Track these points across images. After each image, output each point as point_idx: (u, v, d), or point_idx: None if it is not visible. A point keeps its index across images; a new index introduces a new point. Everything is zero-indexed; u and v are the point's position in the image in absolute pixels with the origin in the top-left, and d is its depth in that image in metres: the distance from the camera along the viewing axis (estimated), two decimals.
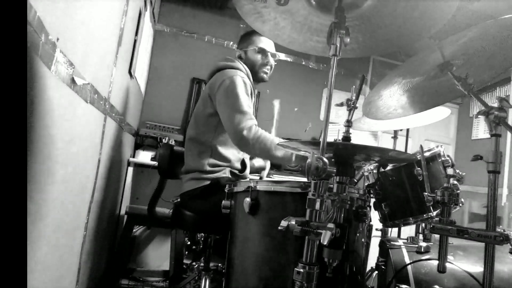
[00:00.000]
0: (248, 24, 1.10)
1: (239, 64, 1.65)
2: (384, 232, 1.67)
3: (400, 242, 1.41)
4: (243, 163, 1.66)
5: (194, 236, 2.29)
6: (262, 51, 1.71)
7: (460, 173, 1.22)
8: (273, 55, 1.74)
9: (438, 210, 1.21)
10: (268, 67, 1.74)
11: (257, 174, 1.83)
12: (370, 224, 1.20)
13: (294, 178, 1.53)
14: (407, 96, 1.28)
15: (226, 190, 1.21)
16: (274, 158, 1.46)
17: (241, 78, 1.53)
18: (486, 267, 0.92)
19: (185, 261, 2.38)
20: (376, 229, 1.56)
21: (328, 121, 0.85)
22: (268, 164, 1.87)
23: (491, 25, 0.95)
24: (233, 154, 1.61)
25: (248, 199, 1.06)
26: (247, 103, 1.48)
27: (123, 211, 2.57)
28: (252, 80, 1.66)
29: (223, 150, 1.57)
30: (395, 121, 1.73)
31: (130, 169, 2.74)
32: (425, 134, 3.98)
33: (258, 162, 1.82)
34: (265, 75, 1.73)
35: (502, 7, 2.75)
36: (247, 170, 1.69)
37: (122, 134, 2.23)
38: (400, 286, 1.21)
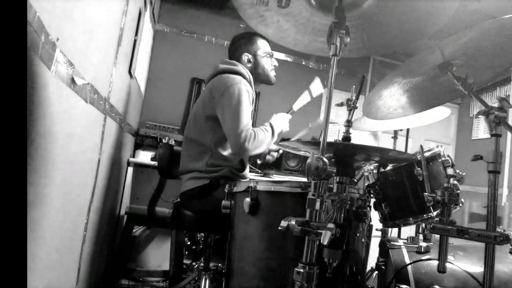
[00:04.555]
0: (252, 27, 1.10)
1: (242, 68, 1.65)
2: (384, 232, 1.67)
3: (400, 242, 1.41)
4: (242, 162, 1.66)
5: (194, 236, 2.29)
6: (271, 55, 1.76)
7: (460, 173, 1.22)
8: (273, 56, 1.78)
9: (438, 210, 1.21)
10: (274, 69, 1.79)
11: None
12: (370, 224, 1.20)
13: (294, 178, 1.53)
14: (407, 96, 1.28)
15: (226, 190, 1.21)
16: (271, 143, 1.60)
17: (245, 87, 1.55)
18: (486, 267, 0.92)
19: (185, 261, 2.37)
20: (376, 229, 1.56)
21: (328, 121, 0.85)
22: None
23: (491, 25, 0.95)
24: (232, 154, 1.61)
25: (248, 199, 1.06)
26: (248, 114, 1.52)
27: (123, 211, 2.57)
28: (253, 86, 1.67)
29: (222, 150, 1.57)
30: (395, 121, 1.73)
31: (130, 169, 2.74)
32: (425, 134, 3.98)
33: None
34: (274, 78, 1.80)
35: (502, 7, 2.75)
36: (247, 170, 1.69)
37: (122, 134, 2.22)
38: (400, 286, 1.21)
